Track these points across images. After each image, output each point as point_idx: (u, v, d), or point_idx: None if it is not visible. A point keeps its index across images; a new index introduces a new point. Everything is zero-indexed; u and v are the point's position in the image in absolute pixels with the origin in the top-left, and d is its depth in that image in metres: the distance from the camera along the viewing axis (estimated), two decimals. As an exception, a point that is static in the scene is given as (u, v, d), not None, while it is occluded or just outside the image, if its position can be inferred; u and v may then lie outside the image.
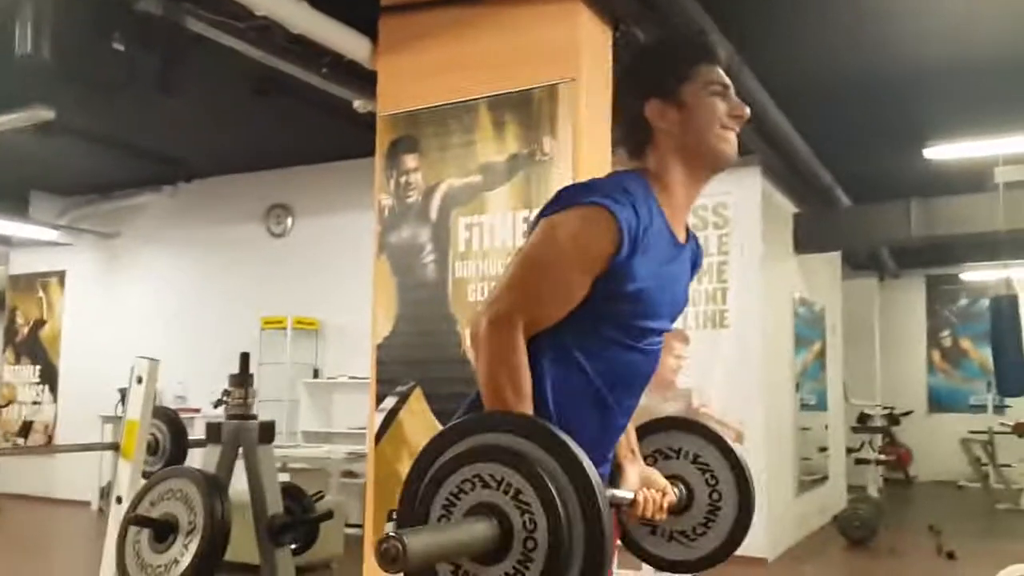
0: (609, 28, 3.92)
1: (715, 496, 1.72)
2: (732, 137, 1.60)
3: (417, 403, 3.99)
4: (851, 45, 5.05)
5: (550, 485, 1.20)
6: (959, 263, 11.17)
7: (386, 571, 1.12)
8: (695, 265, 1.70)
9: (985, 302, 8.55)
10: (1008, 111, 5.71)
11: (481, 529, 1.21)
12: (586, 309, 1.49)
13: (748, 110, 1.61)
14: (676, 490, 1.72)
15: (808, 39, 4.96)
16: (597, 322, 1.50)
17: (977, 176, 6.63)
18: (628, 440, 1.71)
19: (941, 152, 6.58)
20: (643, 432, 1.80)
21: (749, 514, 1.72)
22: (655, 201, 1.54)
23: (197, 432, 6.17)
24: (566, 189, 1.54)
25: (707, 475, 1.74)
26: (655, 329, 1.58)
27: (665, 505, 1.65)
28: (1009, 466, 9.59)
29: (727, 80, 1.61)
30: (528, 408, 1.41)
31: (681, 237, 1.62)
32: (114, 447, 3.37)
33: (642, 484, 1.66)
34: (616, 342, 1.52)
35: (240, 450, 2.88)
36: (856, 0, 4.49)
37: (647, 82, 1.60)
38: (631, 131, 1.62)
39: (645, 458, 1.76)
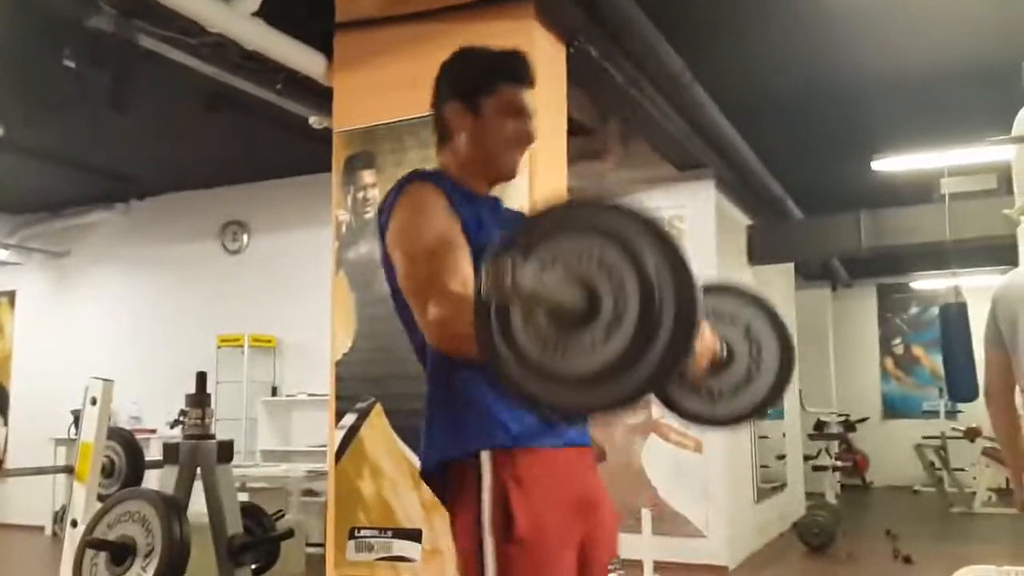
0: (563, 44, 3.96)
1: (755, 355, 1.77)
2: (515, 156, 1.70)
3: (377, 419, 3.98)
4: (800, 58, 5.16)
5: (642, 254, 1.22)
6: (909, 272, 11.42)
7: (496, 283, 1.16)
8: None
9: (935, 310, 8.74)
10: (953, 124, 5.87)
11: (572, 290, 1.23)
12: None
13: (535, 138, 1.72)
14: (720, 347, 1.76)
15: (757, 52, 5.06)
16: None
17: (924, 187, 6.79)
18: None
19: (889, 164, 6.73)
20: None
21: (788, 375, 1.77)
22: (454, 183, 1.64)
23: (153, 453, 6.08)
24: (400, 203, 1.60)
25: (749, 336, 1.79)
26: None
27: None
28: (962, 470, 9.79)
29: (524, 105, 1.70)
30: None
31: None
32: (68, 470, 3.32)
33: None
34: None
35: (198, 470, 2.85)
36: (805, 14, 4.60)
37: (453, 85, 1.71)
38: (437, 126, 1.73)
39: None
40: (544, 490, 1.52)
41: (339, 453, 4.03)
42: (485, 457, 1.51)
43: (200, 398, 2.89)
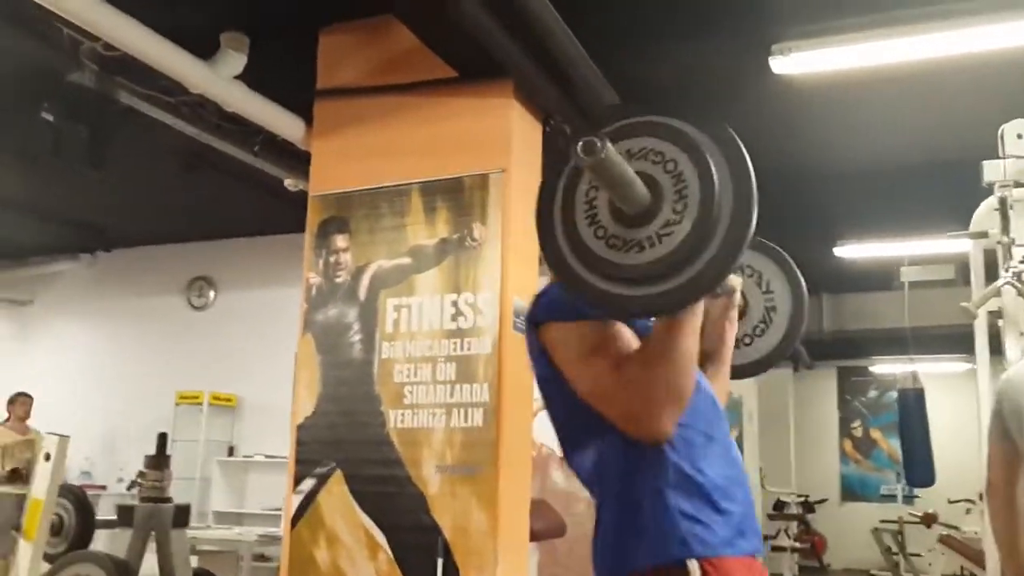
0: (539, 122, 4.06)
1: (770, 303, 1.83)
2: None
3: (337, 485, 3.92)
4: (769, 143, 5.30)
5: (705, 155, 1.30)
6: (869, 356, 11.59)
7: (586, 157, 1.22)
8: None
9: (894, 394, 8.85)
10: (913, 216, 6.06)
11: (641, 184, 1.31)
12: None
13: None
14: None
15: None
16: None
17: (885, 275, 6.97)
18: None
19: (851, 251, 6.91)
20: None
21: (800, 324, 1.84)
22: None
23: (103, 511, 5.92)
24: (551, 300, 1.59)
25: (763, 286, 1.87)
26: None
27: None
28: (919, 555, 9.78)
29: None
30: None
31: None
32: (14, 527, 3.22)
33: None
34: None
35: (152, 534, 2.79)
36: (776, 101, 4.75)
37: None
38: None
39: None
40: None
41: (295, 518, 3.96)
42: (694, 567, 1.41)
43: (159, 460, 2.85)
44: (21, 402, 7.11)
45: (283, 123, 4.18)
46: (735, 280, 1.72)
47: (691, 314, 1.40)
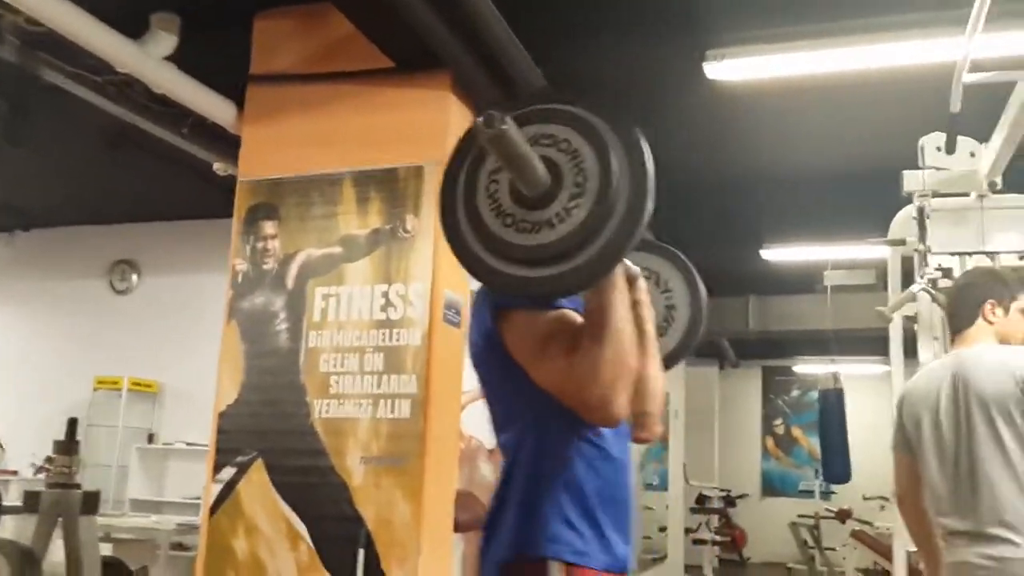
0: (476, 115, 4.05)
1: (670, 302, 1.92)
2: None
3: (258, 475, 3.87)
4: (701, 147, 5.41)
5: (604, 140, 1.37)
6: (792, 356, 11.90)
7: (486, 129, 1.26)
8: None
9: (815, 394, 9.10)
10: (837, 222, 6.23)
11: (541, 165, 1.35)
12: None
13: None
14: None
15: (661, 138, 5.26)
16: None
17: (809, 278, 7.15)
18: None
19: (777, 254, 7.08)
20: None
21: (699, 320, 1.92)
22: None
23: (13, 498, 5.73)
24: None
25: (662, 286, 1.94)
26: None
27: None
28: (833, 549, 10.09)
29: None
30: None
31: None
32: (-84, 514, 3.10)
33: None
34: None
35: (59, 520, 2.71)
36: (710, 107, 4.83)
37: None
38: None
39: None
40: None
41: (214, 507, 3.90)
42: (554, 569, 1.47)
43: (68, 445, 2.77)
44: None
45: (214, 107, 4.09)
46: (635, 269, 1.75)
47: (615, 289, 1.43)
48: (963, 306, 2.49)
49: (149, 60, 3.73)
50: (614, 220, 1.32)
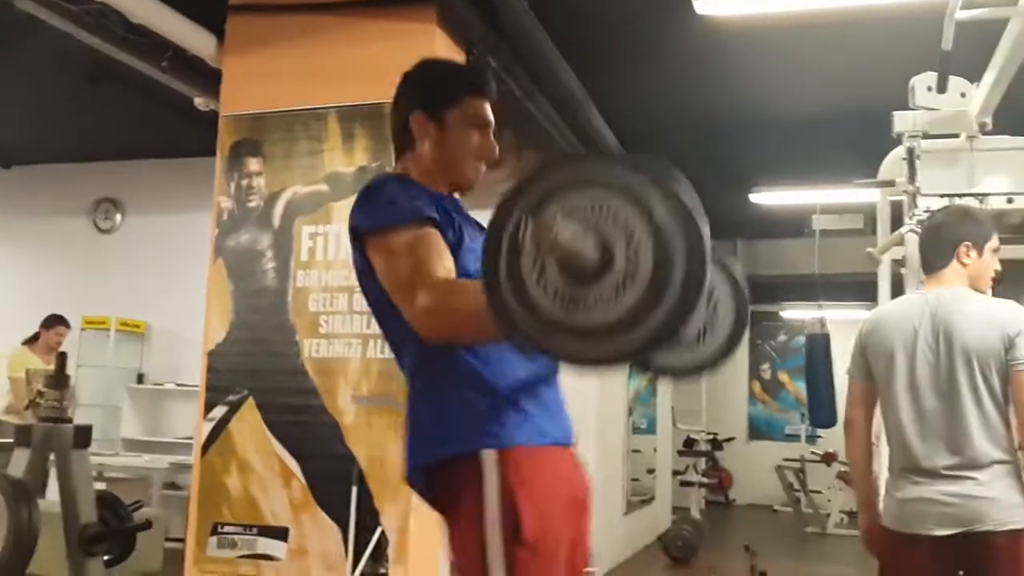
0: (462, 51, 3.99)
1: (712, 306, 1.80)
2: (477, 168, 1.73)
3: (249, 413, 3.90)
4: (691, 90, 5.36)
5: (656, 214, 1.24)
6: (779, 302, 11.94)
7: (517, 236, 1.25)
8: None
9: (801, 339, 9.16)
10: (826, 165, 6.19)
11: (587, 242, 1.25)
12: None
13: (497, 154, 1.74)
14: None
15: (651, 81, 5.22)
16: None
17: (797, 222, 7.14)
18: None
19: (765, 198, 7.05)
20: None
21: (740, 334, 1.79)
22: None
23: (2, 436, 5.75)
24: (371, 202, 1.59)
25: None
26: None
27: None
28: (819, 492, 10.27)
29: (489, 118, 1.73)
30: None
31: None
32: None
33: None
34: None
35: (52, 456, 2.72)
36: (700, 51, 4.77)
37: (419, 95, 1.72)
38: (398, 134, 1.74)
39: None
40: (548, 490, 1.51)
41: (206, 446, 3.93)
42: (489, 457, 1.49)
43: (59, 379, 2.75)
44: None
45: (193, 38, 4.01)
46: None
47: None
48: (938, 245, 2.50)
49: (127, -11, 3.64)
50: (669, 296, 1.22)
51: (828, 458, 9.94)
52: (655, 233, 1.23)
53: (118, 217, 7.60)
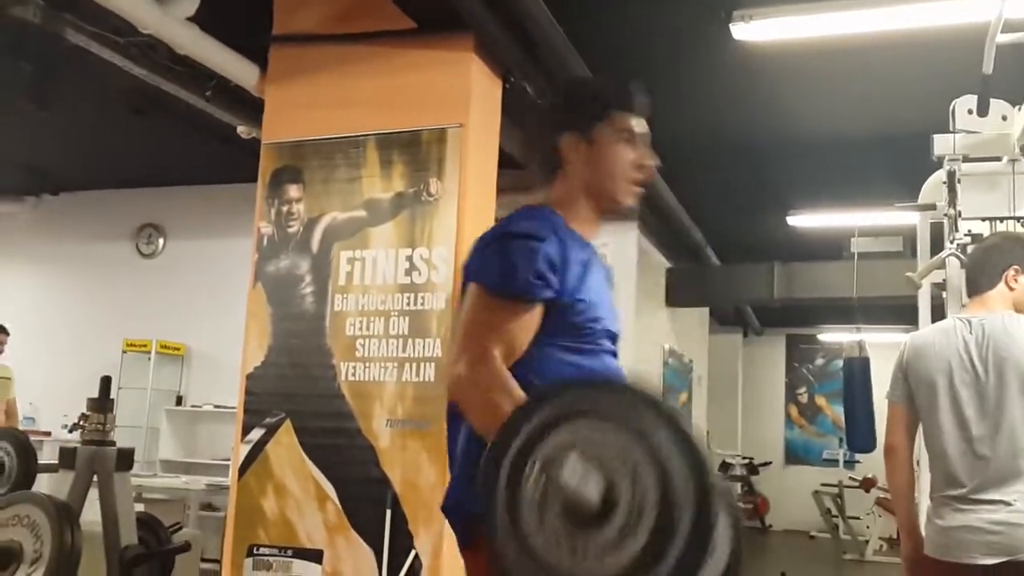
0: (499, 79, 4.03)
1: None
2: (631, 186, 1.67)
3: (286, 436, 3.92)
4: (728, 113, 5.34)
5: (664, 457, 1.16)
6: (817, 324, 11.81)
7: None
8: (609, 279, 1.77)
9: (839, 362, 9.04)
10: (864, 188, 6.15)
11: (590, 485, 1.17)
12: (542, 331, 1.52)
13: (654, 163, 1.68)
14: None
15: (688, 104, 5.21)
16: (554, 337, 1.53)
17: (835, 245, 7.07)
18: None
19: (803, 220, 7.00)
20: None
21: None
22: (563, 225, 1.60)
23: (47, 456, 5.85)
24: (495, 256, 1.54)
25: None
26: (606, 329, 1.62)
27: None
28: (857, 518, 10.09)
29: (639, 131, 1.67)
30: None
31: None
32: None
33: None
34: (575, 350, 1.54)
35: (95, 477, 2.77)
36: (737, 72, 4.77)
37: (566, 116, 1.68)
38: (545, 160, 1.68)
39: None
40: None
41: (243, 468, 3.96)
42: None
43: (103, 403, 2.81)
44: None
45: (236, 68, 4.09)
46: None
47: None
48: (986, 268, 2.47)
49: (172, 20, 3.72)
50: (674, 549, 1.14)
51: (867, 484, 9.78)
52: (663, 483, 1.15)
53: (160, 242, 7.74)
